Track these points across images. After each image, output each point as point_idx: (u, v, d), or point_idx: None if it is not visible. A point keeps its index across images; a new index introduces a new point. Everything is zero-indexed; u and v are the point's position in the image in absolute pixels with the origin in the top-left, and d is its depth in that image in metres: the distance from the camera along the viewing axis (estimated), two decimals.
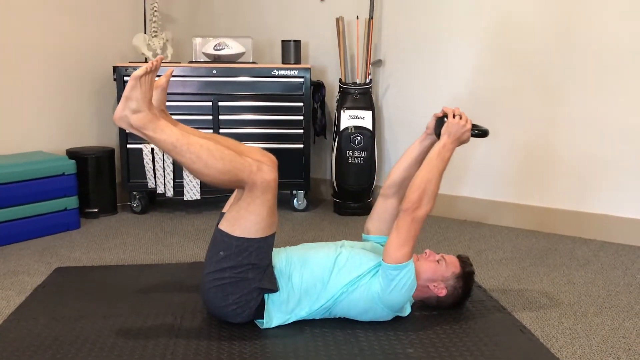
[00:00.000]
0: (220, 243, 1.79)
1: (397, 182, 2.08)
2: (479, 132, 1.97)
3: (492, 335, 1.83)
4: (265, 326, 1.84)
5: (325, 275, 1.84)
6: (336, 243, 2.01)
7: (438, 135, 1.96)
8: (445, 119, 1.94)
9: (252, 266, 1.77)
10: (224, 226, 1.79)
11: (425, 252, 1.99)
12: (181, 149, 1.72)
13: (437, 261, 1.95)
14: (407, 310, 1.94)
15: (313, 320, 1.89)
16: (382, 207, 2.11)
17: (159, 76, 1.89)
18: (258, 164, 1.75)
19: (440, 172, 1.89)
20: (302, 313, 1.86)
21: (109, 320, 1.90)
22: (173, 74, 3.18)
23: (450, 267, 1.94)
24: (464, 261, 1.99)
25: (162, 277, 2.31)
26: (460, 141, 1.95)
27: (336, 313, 1.89)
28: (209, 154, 1.72)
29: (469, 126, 1.94)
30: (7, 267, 2.46)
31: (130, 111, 1.74)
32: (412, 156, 2.10)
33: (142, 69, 1.72)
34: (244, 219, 1.76)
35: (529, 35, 3.02)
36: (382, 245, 2.03)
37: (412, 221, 1.81)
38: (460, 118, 1.95)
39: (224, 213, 1.86)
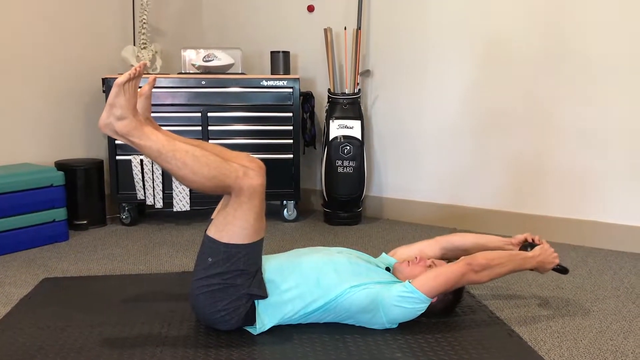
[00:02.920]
0: (208, 249, 1.78)
1: (457, 247, 2.14)
2: (560, 268, 2.08)
3: (480, 339, 1.83)
4: (258, 332, 1.83)
5: (323, 278, 1.84)
6: (329, 249, 2.02)
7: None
8: (537, 242, 2.09)
9: (241, 272, 1.77)
10: (211, 232, 1.79)
11: (416, 257, 1.99)
12: (167, 156, 1.72)
13: (428, 267, 1.96)
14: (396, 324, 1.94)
15: (301, 326, 1.89)
16: (428, 248, 2.14)
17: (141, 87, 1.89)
18: (244, 170, 1.75)
19: (509, 271, 1.95)
20: (296, 316, 1.86)
21: (95, 329, 1.89)
22: (162, 85, 3.21)
23: None
24: None
25: (150, 287, 2.30)
26: (542, 267, 2.03)
27: (330, 316, 1.88)
28: (194, 160, 1.72)
29: (556, 261, 2.05)
30: None
31: (115, 118, 1.74)
32: (488, 244, 2.14)
33: (125, 75, 1.72)
34: (232, 224, 1.76)
35: (517, 45, 3.05)
36: (386, 264, 2.06)
37: (462, 276, 1.85)
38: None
39: (212, 219, 1.86)
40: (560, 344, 1.83)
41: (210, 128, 3.28)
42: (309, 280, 1.84)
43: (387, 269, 2.03)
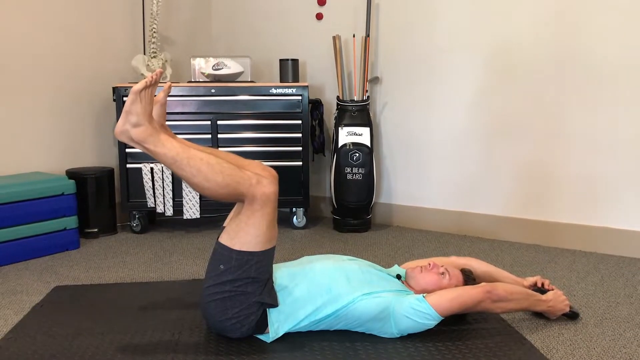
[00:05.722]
0: (220, 256, 1.79)
1: (476, 273, 2.14)
2: (571, 314, 2.08)
3: (492, 347, 1.82)
4: (271, 339, 1.83)
5: (334, 285, 1.84)
6: (340, 256, 2.03)
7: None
8: (547, 287, 2.14)
9: (252, 280, 1.77)
10: (224, 239, 1.80)
11: (430, 264, 1.99)
12: (181, 163, 1.73)
13: (441, 274, 1.95)
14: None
15: (311, 334, 1.88)
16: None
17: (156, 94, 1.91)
18: (257, 177, 1.75)
19: (521, 308, 1.98)
20: (307, 322, 1.85)
21: (107, 337, 1.89)
22: (172, 94, 3.23)
23: (453, 280, 1.95)
24: (467, 275, 1.99)
25: (161, 294, 2.30)
26: (552, 311, 2.04)
27: (341, 324, 1.88)
28: (209, 167, 1.73)
29: (567, 308, 2.06)
30: (6, 286, 2.46)
31: (131, 125, 1.75)
32: (500, 278, 2.15)
33: (141, 83, 1.74)
34: (244, 232, 1.76)
35: (526, 52, 3.05)
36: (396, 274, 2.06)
37: (479, 302, 1.85)
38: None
39: (224, 227, 1.87)
40: (573, 352, 1.82)
41: (220, 136, 3.29)
42: (321, 287, 1.84)
43: (398, 276, 2.02)
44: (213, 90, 3.27)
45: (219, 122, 3.29)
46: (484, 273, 2.13)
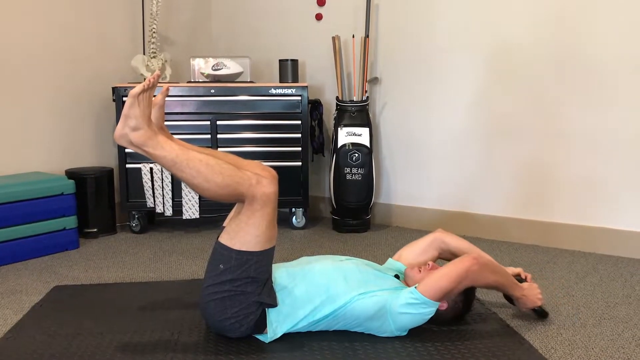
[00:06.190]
0: (219, 256, 1.79)
1: (452, 251, 2.14)
2: (540, 311, 2.08)
3: (491, 347, 1.82)
4: (270, 339, 1.84)
5: (332, 285, 1.85)
6: (339, 257, 2.04)
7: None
8: (528, 281, 2.12)
9: (252, 280, 1.78)
10: (223, 239, 1.80)
11: (428, 264, 1.99)
12: (181, 165, 1.73)
13: None
14: (406, 331, 1.93)
15: (310, 334, 1.88)
16: (430, 248, 2.15)
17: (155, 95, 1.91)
18: (257, 177, 1.76)
19: (501, 284, 1.97)
20: (305, 323, 1.86)
21: (106, 337, 1.89)
22: (172, 94, 3.23)
23: None
24: None
25: (160, 295, 2.30)
26: (524, 301, 2.04)
27: (340, 324, 1.88)
28: (208, 168, 1.73)
29: (538, 303, 2.06)
30: (5, 286, 2.46)
31: (130, 129, 1.75)
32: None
33: (139, 86, 1.74)
34: (244, 232, 1.77)
35: (525, 52, 3.05)
36: (396, 270, 2.06)
37: (466, 271, 1.84)
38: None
39: (224, 227, 1.87)
40: (572, 352, 1.82)
41: (219, 136, 3.29)
42: (319, 287, 1.85)
43: (397, 276, 2.02)
44: (212, 91, 3.27)
45: (218, 123, 3.29)
46: (456, 248, 2.14)
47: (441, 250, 2.16)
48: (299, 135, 3.34)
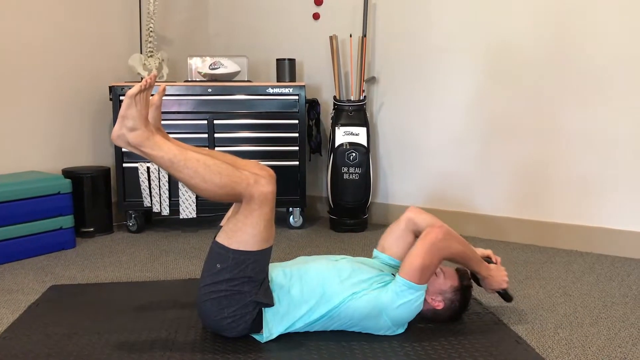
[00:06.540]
0: (217, 255, 1.79)
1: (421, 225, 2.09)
2: (504, 293, 2.08)
3: (488, 346, 1.82)
4: (265, 339, 1.83)
5: (327, 286, 1.84)
6: (335, 256, 2.03)
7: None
8: (493, 262, 2.09)
9: (248, 279, 1.77)
10: (221, 239, 1.80)
11: None
12: (179, 165, 1.73)
13: (436, 274, 1.95)
14: (404, 327, 1.93)
15: (308, 334, 1.88)
16: (406, 233, 2.13)
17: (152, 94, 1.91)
18: (255, 177, 1.75)
19: (467, 257, 1.95)
20: (301, 324, 1.85)
21: (102, 337, 1.89)
22: (169, 93, 3.22)
23: (448, 280, 1.94)
24: (462, 275, 1.98)
25: (157, 294, 2.30)
26: (490, 282, 2.02)
27: (336, 324, 1.88)
28: (206, 168, 1.73)
29: (504, 285, 2.05)
30: (2, 285, 2.45)
31: (127, 129, 1.75)
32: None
33: (136, 87, 1.73)
34: (242, 231, 1.76)
35: (523, 52, 3.05)
36: (390, 266, 2.05)
37: (435, 239, 1.83)
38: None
39: (221, 226, 1.87)
40: (569, 351, 1.82)
41: (216, 135, 3.29)
42: (314, 288, 1.85)
43: (394, 274, 2.02)
44: (210, 90, 3.27)
45: (215, 122, 3.28)
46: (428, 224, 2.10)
47: (415, 232, 2.11)
48: (297, 134, 3.34)
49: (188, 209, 3.25)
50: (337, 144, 3.32)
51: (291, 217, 3.45)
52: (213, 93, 3.27)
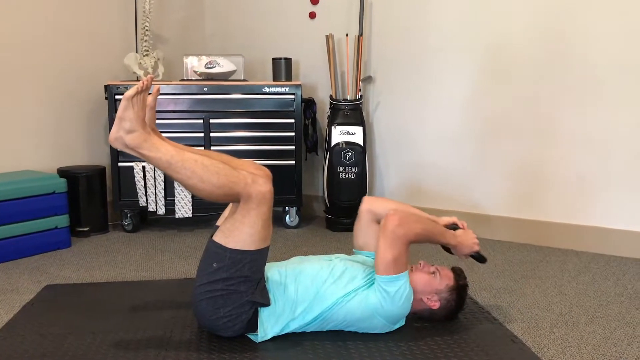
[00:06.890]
0: (213, 255, 1.78)
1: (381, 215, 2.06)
2: (478, 256, 2.07)
3: (483, 345, 1.82)
4: (260, 340, 1.83)
5: (321, 286, 1.84)
6: (329, 256, 2.03)
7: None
8: (459, 228, 2.07)
9: (245, 279, 1.77)
10: (218, 238, 1.79)
11: (420, 263, 1.99)
12: (176, 166, 1.73)
13: (432, 273, 1.95)
14: (402, 322, 1.93)
15: (304, 333, 1.88)
16: (375, 228, 2.10)
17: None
18: (253, 177, 1.75)
19: (428, 233, 1.92)
20: (296, 325, 1.85)
21: (98, 336, 1.88)
22: (165, 92, 3.21)
23: (444, 279, 1.94)
24: (458, 274, 1.98)
25: (152, 294, 2.29)
26: (460, 247, 2.02)
27: (331, 325, 1.88)
28: (203, 169, 1.73)
29: (475, 247, 2.04)
30: None
31: (125, 131, 1.74)
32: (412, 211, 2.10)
33: (133, 89, 1.73)
34: (239, 230, 1.76)
35: (519, 51, 3.06)
36: (372, 259, 2.04)
37: (393, 226, 1.81)
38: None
39: (218, 226, 1.86)
40: (564, 350, 1.83)
41: (212, 134, 3.28)
42: (309, 288, 1.84)
43: None
44: (206, 89, 3.26)
45: (211, 121, 3.28)
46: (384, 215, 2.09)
47: (376, 221, 2.10)
48: (293, 133, 3.33)
49: (184, 209, 3.25)
50: (333, 143, 3.32)
51: (287, 216, 3.44)
52: (209, 92, 3.27)
